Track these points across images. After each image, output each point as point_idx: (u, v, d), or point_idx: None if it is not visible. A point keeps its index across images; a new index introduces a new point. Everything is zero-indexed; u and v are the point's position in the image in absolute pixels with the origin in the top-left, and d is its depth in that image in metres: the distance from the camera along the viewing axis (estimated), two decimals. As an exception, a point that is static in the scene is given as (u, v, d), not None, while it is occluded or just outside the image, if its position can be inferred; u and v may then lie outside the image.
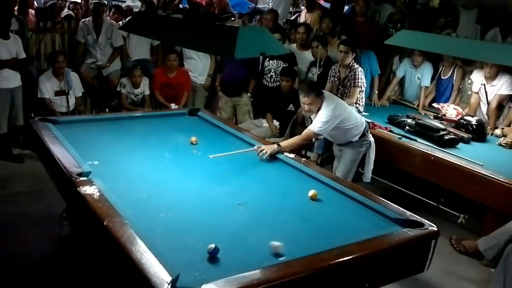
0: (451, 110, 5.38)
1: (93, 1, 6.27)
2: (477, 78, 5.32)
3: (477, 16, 6.17)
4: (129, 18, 5.89)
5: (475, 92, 5.34)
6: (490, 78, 5.16)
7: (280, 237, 2.45)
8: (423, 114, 5.66)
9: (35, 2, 7.44)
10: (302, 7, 8.18)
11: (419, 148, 4.58)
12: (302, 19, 7.63)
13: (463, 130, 4.93)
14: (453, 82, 5.77)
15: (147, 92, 6.05)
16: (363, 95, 5.40)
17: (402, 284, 2.97)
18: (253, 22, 7.21)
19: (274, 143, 3.78)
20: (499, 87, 5.12)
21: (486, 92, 5.24)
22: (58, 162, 3.10)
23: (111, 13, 6.75)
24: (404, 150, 4.68)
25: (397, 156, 4.75)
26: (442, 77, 5.88)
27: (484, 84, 5.21)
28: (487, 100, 5.25)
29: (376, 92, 6.01)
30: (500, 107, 5.28)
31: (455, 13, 6.28)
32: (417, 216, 2.71)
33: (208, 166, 3.36)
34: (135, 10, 6.87)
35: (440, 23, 6.02)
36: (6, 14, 5.25)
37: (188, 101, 6.23)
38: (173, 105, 5.93)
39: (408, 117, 5.26)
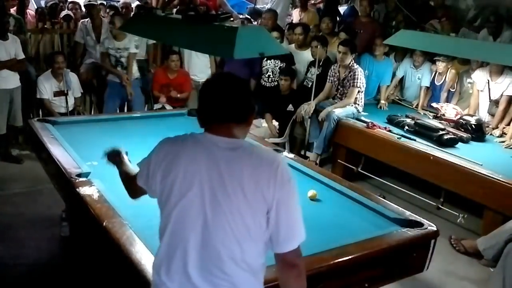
0: (450, 110, 5.38)
1: (85, 3, 6.27)
2: (480, 76, 5.27)
3: (471, 18, 6.11)
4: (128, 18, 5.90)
5: (481, 91, 5.30)
6: (496, 73, 5.11)
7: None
8: (422, 114, 5.66)
9: (33, 2, 7.43)
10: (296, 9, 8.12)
11: (418, 148, 4.58)
12: (295, 18, 7.58)
13: (462, 129, 4.93)
14: (446, 80, 5.76)
15: (133, 50, 5.71)
16: (363, 96, 5.40)
17: (401, 284, 2.97)
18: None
19: (274, 143, 3.77)
20: (506, 85, 5.08)
21: (489, 89, 5.21)
22: (57, 163, 3.10)
23: (107, 13, 6.72)
24: (403, 150, 4.68)
25: (396, 156, 4.75)
26: (436, 83, 5.86)
27: (489, 81, 5.18)
28: (490, 98, 5.23)
29: (383, 101, 5.92)
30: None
31: (455, 13, 6.27)
32: (417, 216, 2.71)
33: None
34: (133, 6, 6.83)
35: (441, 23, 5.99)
36: (2, 14, 5.24)
37: (189, 101, 6.19)
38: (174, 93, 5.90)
39: (407, 117, 5.26)
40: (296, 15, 7.61)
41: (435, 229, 2.59)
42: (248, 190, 1.59)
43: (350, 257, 2.25)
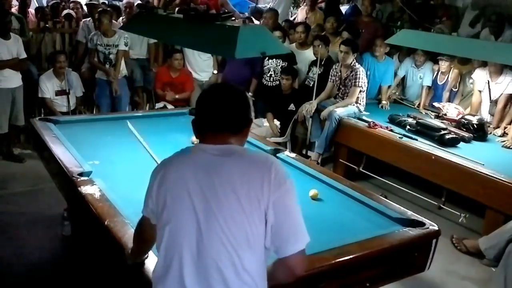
0: (452, 110, 5.37)
1: (87, 2, 6.26)
2: (480, 76, 5.26)
3: (473, 18, 6.10)
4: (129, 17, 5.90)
5: (480, 91, 5.30)
6: (495, 73, 5.10)
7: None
8: (424, 113, 5.66)
9: (35, 1, 7.44)
10: (302, 6, 8.09)
11: (420, 148, 4.58)
12: (300, 17, 7.57)
13: (464, 129, 4.92)
14: (449, 79, 5.75)
15: (122, 47, 5.64)
16: (364, 95, 5.40)
17: (403, 284, 2.97)
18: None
19: (275, 142, 3.77)
20: (505, 85, 5.07)
21: (489, 90, 5.20)
22: (59, 162, 3.11)
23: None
24: (405, 149, 4.67)
25: (398, 155, 4.75)
26: (438, 83, 5.85)
27: (489, 82, 5.17)
28: (490, 98, 5.22)
29: (384, 101, 5.90)
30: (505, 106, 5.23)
31: (456, 12, 6.26)
32: (418, 216, 2.71)
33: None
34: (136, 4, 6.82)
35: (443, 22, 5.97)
36: (4, 13, 5.24)
37: (192, 101, 6.17)
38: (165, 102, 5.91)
39: (409, 116, 5.25)
40: (302, 14, 7.59)
41: (436, 228, 2.59)
42: (242, 194, 1.53)
43: (351, 256, 2.25)
